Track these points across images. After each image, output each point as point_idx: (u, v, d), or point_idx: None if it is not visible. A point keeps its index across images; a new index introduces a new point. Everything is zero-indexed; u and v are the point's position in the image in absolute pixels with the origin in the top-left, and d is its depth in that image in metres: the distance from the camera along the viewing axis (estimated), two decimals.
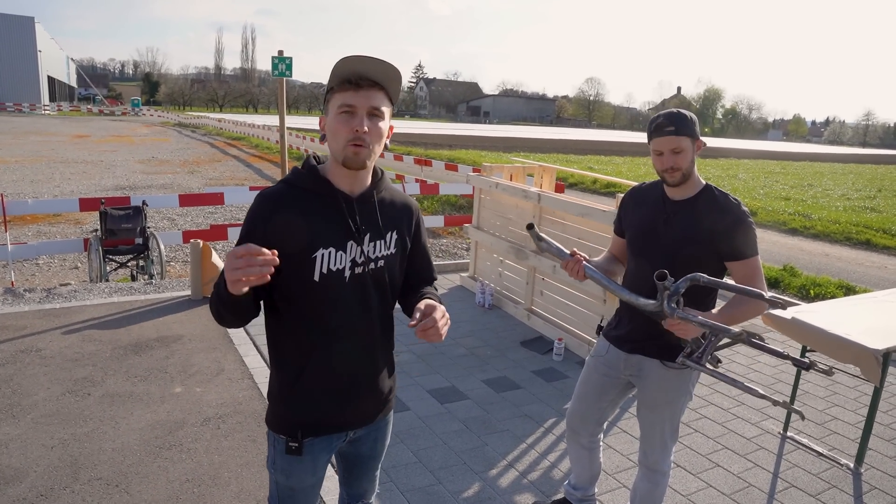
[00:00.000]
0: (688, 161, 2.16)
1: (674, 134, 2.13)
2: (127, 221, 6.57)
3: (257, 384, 4.02)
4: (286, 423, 1.71)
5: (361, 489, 1.99)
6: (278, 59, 5.98)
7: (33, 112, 47.50)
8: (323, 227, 1.61)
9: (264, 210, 1.59)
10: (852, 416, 4.12)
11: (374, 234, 1.68)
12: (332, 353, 1.67)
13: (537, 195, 5.16)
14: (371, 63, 1.52)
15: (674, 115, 2.15)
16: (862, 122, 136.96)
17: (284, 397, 1.71)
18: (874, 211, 15.65)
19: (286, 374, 1.70)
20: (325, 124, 1.61)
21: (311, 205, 1.61)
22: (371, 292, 1.69)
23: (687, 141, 2.14)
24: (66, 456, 3.11)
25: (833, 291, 7.28)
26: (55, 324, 4.82)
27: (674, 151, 2.14)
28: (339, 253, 1.62)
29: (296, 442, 1.70)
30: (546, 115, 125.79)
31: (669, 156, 2.15)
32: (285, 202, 1.60)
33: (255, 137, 28.67)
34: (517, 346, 4.91)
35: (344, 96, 1.54)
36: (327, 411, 1.71)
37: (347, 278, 1.64)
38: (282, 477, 1.77)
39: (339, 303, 1.64)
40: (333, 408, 1.72)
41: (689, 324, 1.88)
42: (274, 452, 1.76)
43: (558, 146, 38.43)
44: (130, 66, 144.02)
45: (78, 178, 14.59)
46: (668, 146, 2.14)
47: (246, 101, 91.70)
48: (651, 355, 2.30)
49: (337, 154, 1.59)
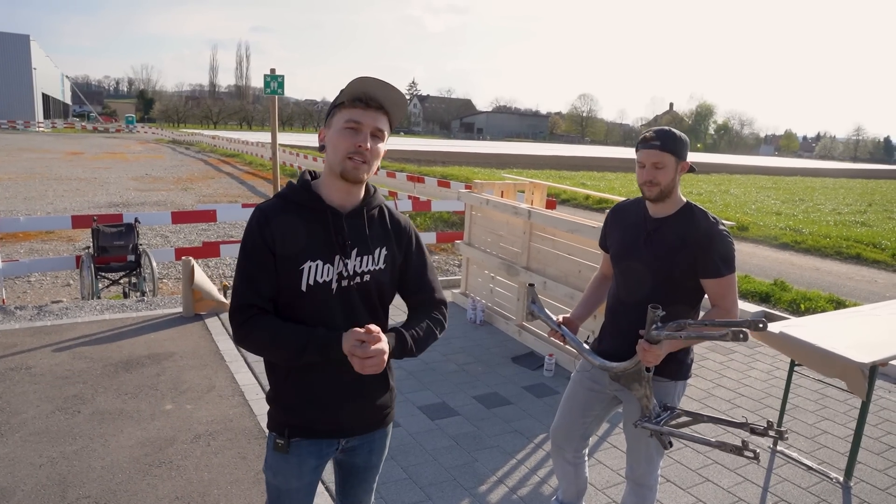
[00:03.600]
0: (668, 178, 2.20)
1: (658, 148, 2.18)
2: (119, 239, 6.58)
3: (248, 401, 4.01)
4: (276, 421, 1.81)
5: (357, 500, 2.01)
6: (270, 77, 6.03)
7: (27, 129, 47.45)
8: (311, 240, 1.68)
9: (260, 220, 1.68)
10: (842, 430, 4.13)
11: (361, 248, 1.73)
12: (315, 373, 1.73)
13: (528, 212, 5.20)
14: (384, 87, 1.62)
15: (663, 132, 2.21)
16: (852, 137, 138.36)
17: (275, 396, 1.81)
18: (864, 225, 15.77)
19: (276, 376, 1.78)
20: (327, 136, 1.68)
21: (301, 218, 1.69)
22: (358, 305, 1.74)
23: (670, 158, 2.19)
24: (54, 474, 3.09)
25: (823, 305, 7.32)
26: (46, 341, 4.81)
27: (655, 166, 2.19)
28: (326, 266, 1.68)
29: (283, 440, 1.78)
30: (539, 131, 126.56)
31: (651, 169, 2.20)
32: (279, 214, 1.69)
33: (249, 154, 28.70)
34: (508, 362, 4.92)
35: (352, 113, 1.62)
36: (311, 416, 1.77)
37: (334, 290, 1.70)
38: (270, 474, 1.85)
39: (325, 314, 1.69)
40: (317, 414, 1.77)
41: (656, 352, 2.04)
42: (268, 450, 1.85)
43: (551, 162, 38.62)
44: (125, 83, 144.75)
45: (71, 196, 14.58)
46: (651, 159, 2.19)
47: (240, 119, 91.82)
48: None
49: (335, 165, 1.65)
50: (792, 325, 3.71)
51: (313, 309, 1.68)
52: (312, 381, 1.74)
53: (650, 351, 2.06)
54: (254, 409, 3.92)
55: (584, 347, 2.39)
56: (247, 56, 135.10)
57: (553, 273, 5.04)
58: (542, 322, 2.47)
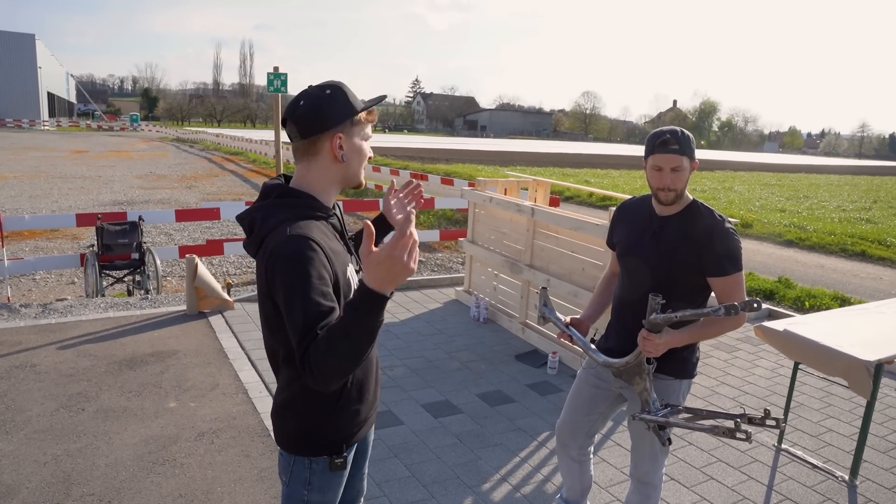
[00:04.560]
0: (684, 181, 2.19)
1: (677, 153, 2.14)
2: (123, 237, 6.59)
3: (252, 399, 4.02)
4: (329, 441, 1.70)
5: (355, 490, 1.98)
6: (274, 76, 6.02)
7: (33, 128, 47.59)
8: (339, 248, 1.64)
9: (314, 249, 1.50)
10: (847, 428, 4.12)
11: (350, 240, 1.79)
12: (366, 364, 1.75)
13: (531, 209, 5.19)
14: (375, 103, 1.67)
15: (679, 134, 2.16)
16: (857, 133, 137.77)
17: (327, 417, 1.68)
18: (869, 222, 15.70)
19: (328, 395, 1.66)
20: (348, 145, 1.62)
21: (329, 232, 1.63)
22: None
23: (687, 161, 2.17)
24: (58, 472, 3.10)
25: (828, 303, 7.30)
26: (50, 339, 4.82)
27: (674, 170, 2.16)
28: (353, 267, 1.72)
29: (341, 458, 1.71)
30: (543, 128, 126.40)
31: (668, 174, 2.16)
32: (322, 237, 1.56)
33: (253, 152, 28.73)
34: (511, 360, 4.91)
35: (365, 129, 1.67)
36: (365, 417, 1.77)
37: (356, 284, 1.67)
38: (317, 496, 1.73)
39: None
40: (369, 412, 1.79)
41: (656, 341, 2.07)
42: (309, 474, 1.70)
43: (555, 160, 38.55)
44: (129, 81, 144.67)
45: (76, 194, 14.61)
46: (670, 164, 2.15)
47: (244, 116, 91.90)
48: None
49: (355, 174, 1.67)
50: (796, 322, 3.70)
51: None
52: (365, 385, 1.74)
53: (650, 339, 2.08)
54: (257, 406, 3.92)
55: (590, 346, 2.40)
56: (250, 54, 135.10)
57: (556, 271, 5.03)
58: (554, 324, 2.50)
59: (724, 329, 2.22)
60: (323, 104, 1.59)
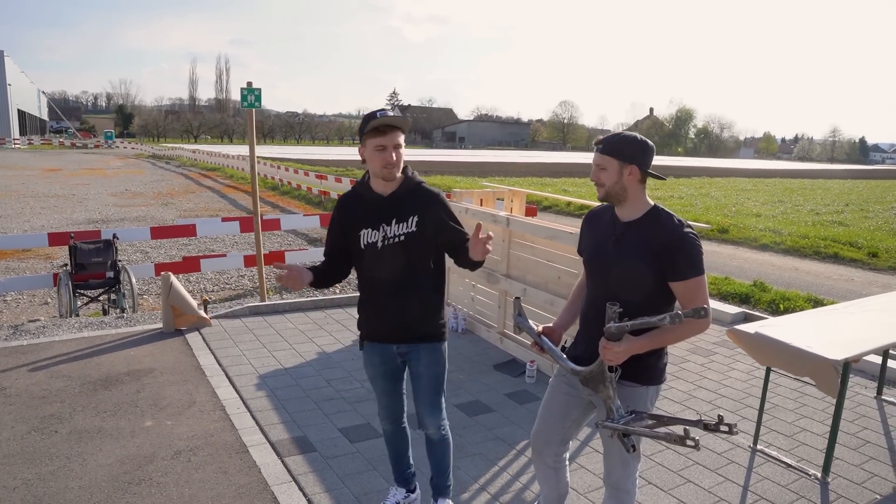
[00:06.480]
0: (611, 180, 2.28)
1: (601, 151, 2.29)
2: (97, 255, 6.52)
3: (229, 415, 3.99)
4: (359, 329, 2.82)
5: (420, 411, 2.82)
6: (247, 91, 6.01)
7: (3, 146, 46.86)
8: (365, 215, 2.65)
9: (339, 205, 2.75)
10: (821, 427, 4.19)
11: (398, 218, 2.61)
12: (374, 292, 2.72)
13: (506, 219, 5.23)
14: (392, 118, 2.46)
15: (610, 137, 2.31)
16: (829, 138, 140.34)
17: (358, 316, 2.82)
18: (842, 225, 16.01)
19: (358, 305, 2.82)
20: (366, 154, 2.54)
21: (361, 201, 2.68)
22: (399, 255, 2.62)
23: (612, 161, 2.27)
24: (29, 496, 3.05)
25: (802, 305, 7.42)
26: (22, 361, 4.74)
27: (598, 167, 2.30)
28: (373, 231, 2.63)
29: (360, 342, 2.84)
30: (521, 139, 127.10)
31: (595, 170, 2.32)
32: (349, 200, 2.73)
33: (230, 168, 28.56)
34: (490, 370, 4.93)
35: (376, 140, 2.48)
36: (373, 326, 2.76)
37: (379, 247, 2.62)
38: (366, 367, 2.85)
39: (375, 262, 2.65)
40: (375, 325, 2.75)
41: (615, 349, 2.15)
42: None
43: (533, 170, 38.81)
44: (104, 98, 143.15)
45: (49, 213, 14.42)
46: (595, 161, 2.32)
47: (221, 132, 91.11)
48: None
49: (376, 173, 2.58)
50: (767, 325, 3.76)
51: (368, 259, 2.65)
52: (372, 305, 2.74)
53: (609, 348, 2.15)
54: (235, 423, 3.89)
55: (560, 355, 2.43)
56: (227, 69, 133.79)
57: (533, 280, 5.07)
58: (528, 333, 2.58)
59: (687, 333, 2.26)
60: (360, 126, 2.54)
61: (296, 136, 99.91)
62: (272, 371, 4.74)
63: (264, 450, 3.60)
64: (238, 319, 5.94)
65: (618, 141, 2.28)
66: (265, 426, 3.88)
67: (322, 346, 5.32)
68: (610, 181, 2.28)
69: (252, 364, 4.86)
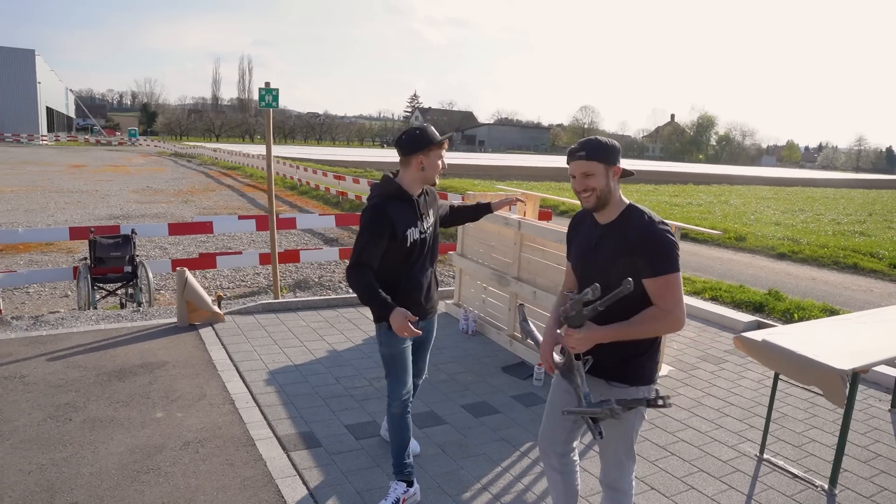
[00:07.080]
0: (601, 184, 2.29)
1: (584, 158, 2.29)
2: (116, 250, 6.64)
3: (238, 409, 4.05)
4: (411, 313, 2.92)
5: (418, 368, 3.42)
6: (265, 91, 6.09)
7: (31, 142, 47.79)
8: (407, 216, 2.99)
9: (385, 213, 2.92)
10: (830, 438, 4.15)
11: (426, 214, 3.10)
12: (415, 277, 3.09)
13: (518, 222, 5.25)
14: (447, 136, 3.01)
15: (587, 141, 2.33)
16: (854, 147, 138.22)
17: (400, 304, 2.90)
18: (863, 235, 15.78)
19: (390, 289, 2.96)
20: (427, 161, 2.97)
21: (401, 204, 3.00)
22: (430, 246, 3.13)
23: (598, 166, 2.28)
24: (42, 481, 3.13)
25: (817, 315, 7.33)
26: (40, 350, 4.85)
27: (584, 175, 2.29)
28: (414, 229, 3.01)
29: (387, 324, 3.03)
30: (541, 143, 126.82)
31: (581, 179, 2.31)
32: (393, 207, 2.96)
33: (250, 167, 28.84)
34: (498, 372, 4.95)
35: (441, 151, 3.01)
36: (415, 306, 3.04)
37: (418, 241, 3.03)
38: (385, 349, 3.06)
39: (416, 253, 3.04)
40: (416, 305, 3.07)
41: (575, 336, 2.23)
42: (380, 334, 3.05)
43: (552, 174, 38.70)
44: (129, 96, 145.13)
45: (73, 208, 14.68)
46: (579, 170, 2.31)
47: (242, 131, 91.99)
48: (597, 375, 2.37)
49: (428, 178, 3.04)
50: (776, 332, 3.74)
51: (412, 252, 3.01)
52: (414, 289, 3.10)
53: (570, 335, 2.22)
54: (243, 417, 3.95)
55: (556, 358, 2.46)
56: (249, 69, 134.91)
57: (543, 283, 5.08)
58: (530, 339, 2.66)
59: (658, 329, 2.27)
60: (415, 138, 2.95)
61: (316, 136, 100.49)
62: (282, 367, 4.81)
63: (271, 444, 3.65)
64: (251, 316, 6.02)
65: (599, 145, 2.30)
66: (273, 421, 3.93)
67: (333, 344, 5.37)
68: (600, 186, 2.29)
69: (263, 360, 4.93)
